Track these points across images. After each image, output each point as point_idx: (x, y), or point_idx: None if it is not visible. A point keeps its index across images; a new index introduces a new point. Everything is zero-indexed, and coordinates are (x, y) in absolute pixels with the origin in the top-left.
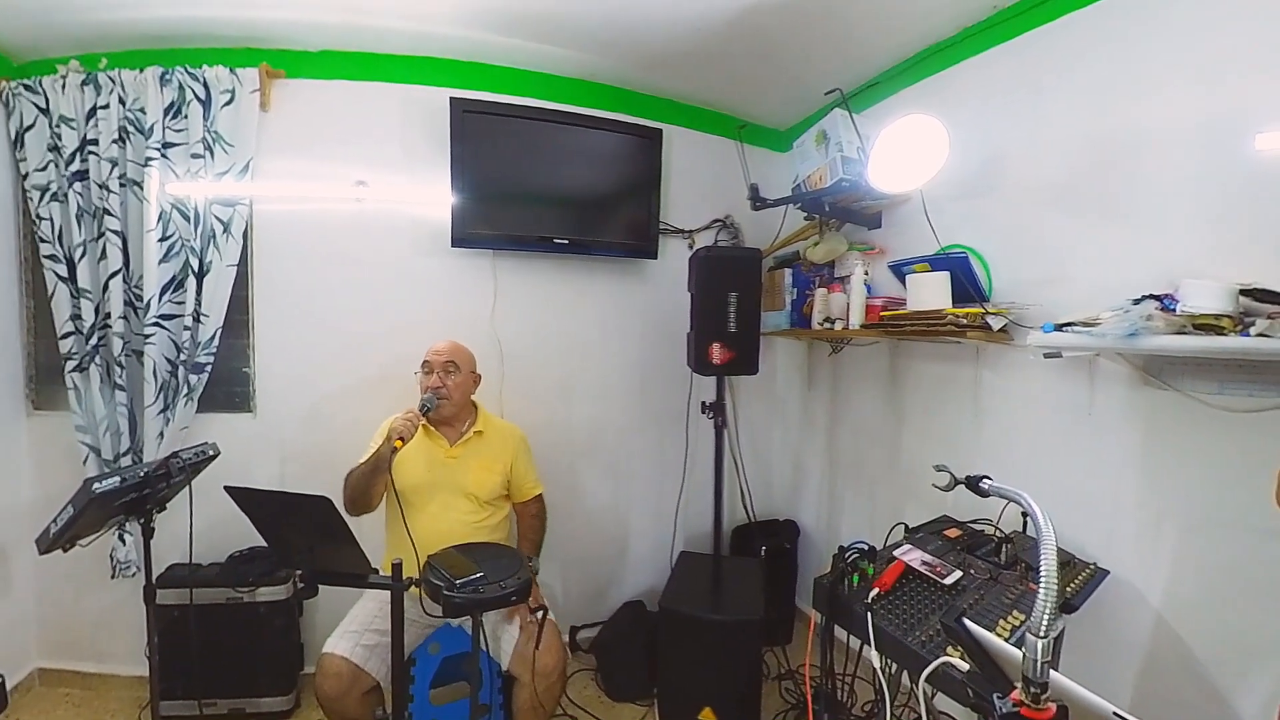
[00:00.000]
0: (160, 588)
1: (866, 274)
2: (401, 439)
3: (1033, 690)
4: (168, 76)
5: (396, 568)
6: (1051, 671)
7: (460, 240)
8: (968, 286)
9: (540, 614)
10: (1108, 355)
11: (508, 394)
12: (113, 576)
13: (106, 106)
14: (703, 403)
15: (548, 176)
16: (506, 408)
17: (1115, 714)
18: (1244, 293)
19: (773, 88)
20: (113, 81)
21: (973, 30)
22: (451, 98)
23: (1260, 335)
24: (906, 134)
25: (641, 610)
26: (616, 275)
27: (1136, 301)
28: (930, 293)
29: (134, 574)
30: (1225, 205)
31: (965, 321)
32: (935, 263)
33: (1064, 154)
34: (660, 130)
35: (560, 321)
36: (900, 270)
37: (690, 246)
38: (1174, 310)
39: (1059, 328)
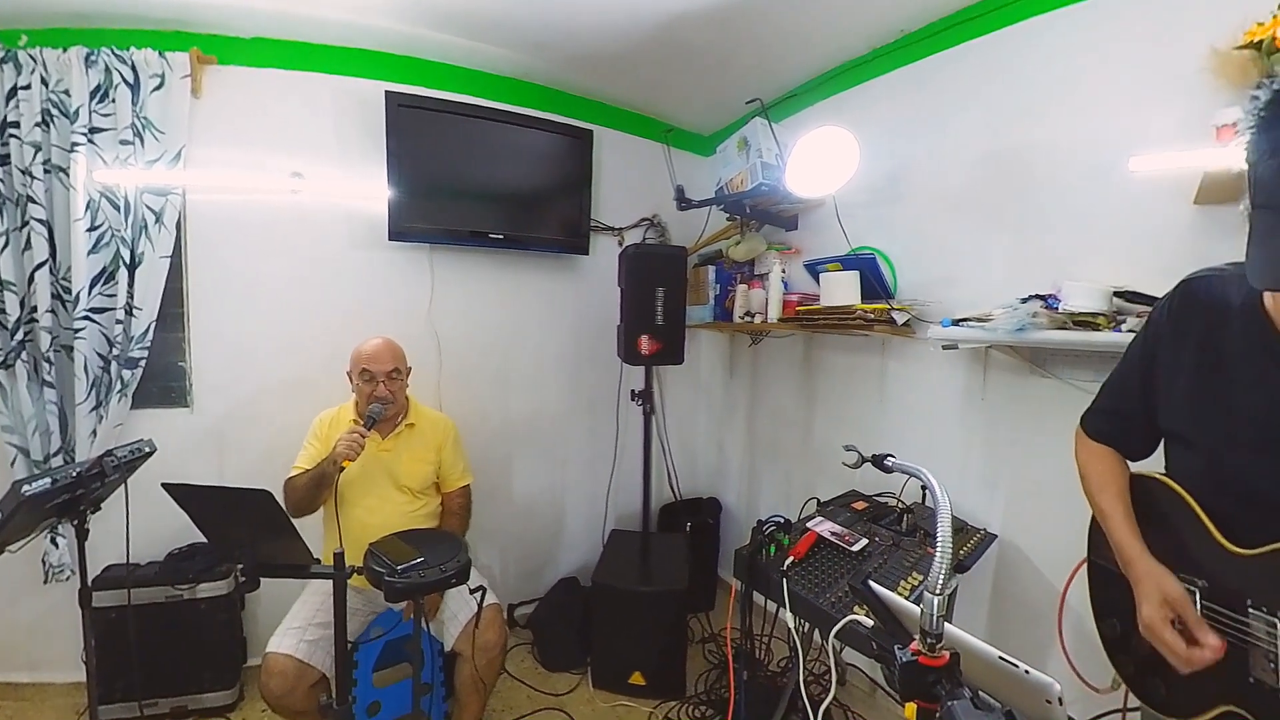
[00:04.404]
0: (96, 590)
1: (784, 272)
2: (349, 460)
3: (929, 641)
4: (93, 58)
5: (338, 557)
6: (946, 624)
7: (397, 234)
8: (875, 285)
9: (479, 594)
10: (999, 347)
11: (445, 385)
12: (45, 581)
13: (28, 87)
14: (632, 391)
15: (483, 172)
16: (445, 398)
17: (1001, 658)
18: (1117, 294)
19: (697, 95)
20: (34, 60)
21: (882, 51)
22: (387, 91)
23: (1130, 331)
24: (821, 143)
25: (575, 586)
26: (550, 270)
27: (1024, 300)
28: (841, 290)
29: (68, 577)
30: (1102, 217)
31: (873, 316)
32: (846, 262)
33: (962, 167)
34: (591, 131)
35: (496, 314)
36: (814, 269)
37: (620, 243)
38: (1056, 309)
39: (956, 323)
